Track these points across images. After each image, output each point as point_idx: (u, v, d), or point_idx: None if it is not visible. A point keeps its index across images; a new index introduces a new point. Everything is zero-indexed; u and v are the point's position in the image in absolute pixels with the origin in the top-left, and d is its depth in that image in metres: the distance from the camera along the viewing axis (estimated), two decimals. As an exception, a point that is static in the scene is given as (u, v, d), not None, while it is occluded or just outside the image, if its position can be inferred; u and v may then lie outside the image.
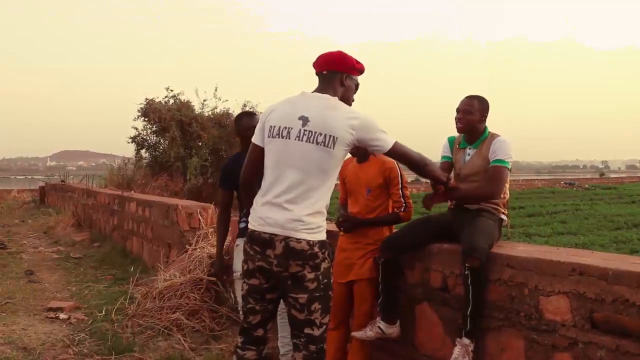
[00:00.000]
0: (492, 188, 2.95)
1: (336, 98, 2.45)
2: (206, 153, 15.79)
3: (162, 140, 16.24)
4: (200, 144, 15.99)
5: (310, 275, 2.30)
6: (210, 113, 16.70)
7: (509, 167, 2.95)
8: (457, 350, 2.65)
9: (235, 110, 17.67)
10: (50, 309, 5.16)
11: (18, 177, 72.19)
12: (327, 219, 2.48)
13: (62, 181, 19.28)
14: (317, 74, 2.56)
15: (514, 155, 2.98)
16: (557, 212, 18.83)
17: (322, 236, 2.36)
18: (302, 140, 2.33)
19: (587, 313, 2.27)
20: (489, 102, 3.10)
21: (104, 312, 5.02)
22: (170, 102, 16.22)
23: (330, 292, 2.40)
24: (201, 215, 6.13)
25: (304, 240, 2.29)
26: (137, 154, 16.58)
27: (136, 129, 16.25)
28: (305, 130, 2.34)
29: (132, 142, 16.33)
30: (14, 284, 6.48)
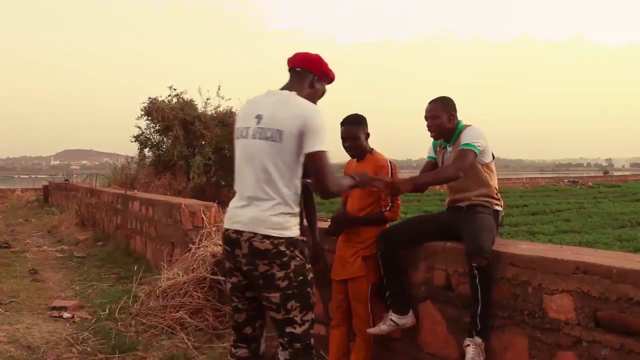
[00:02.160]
0: (451, 167, 2.91)
1: (294, 93, 2.42)
2: (209, 152, 15.79)
3: (165, 139, 16.25)
4: (203, 142, 15.98)
5: (280, 274, 2.29)
6: (213, 112, 16.70)
7: (476, 150, 2.88)
8: (471, 350, 2.62)
9: (239, 109, 17.64)
10: (54, 308, 5.18)
11: (22, 176, 72.40)
12: (327, 218, 2.47)
13: (66, 180, 19.36)
14: (290, 69, 2.54)
15: (483, 141, 2.91)
16: (560, 211, 18.79)
17: (291, 233, 2.34)
18: (255, 138, 2.38)
19: (591, 312, 2.26)
20: (452, 99, 3.08)
21: (107, 311, 5.03)
22: (174, 101, 16.22)
23: (309, 289, 2.38)
24: (204, 214, 6.14)
25: (267, 239, 2.28)
26: (140, 153, 16.60)
27: (139, 128, 16.27)
28: (258, 128, 2.38)
29: (135, 141, 16.35)
30: (18, 282, 6.51)
